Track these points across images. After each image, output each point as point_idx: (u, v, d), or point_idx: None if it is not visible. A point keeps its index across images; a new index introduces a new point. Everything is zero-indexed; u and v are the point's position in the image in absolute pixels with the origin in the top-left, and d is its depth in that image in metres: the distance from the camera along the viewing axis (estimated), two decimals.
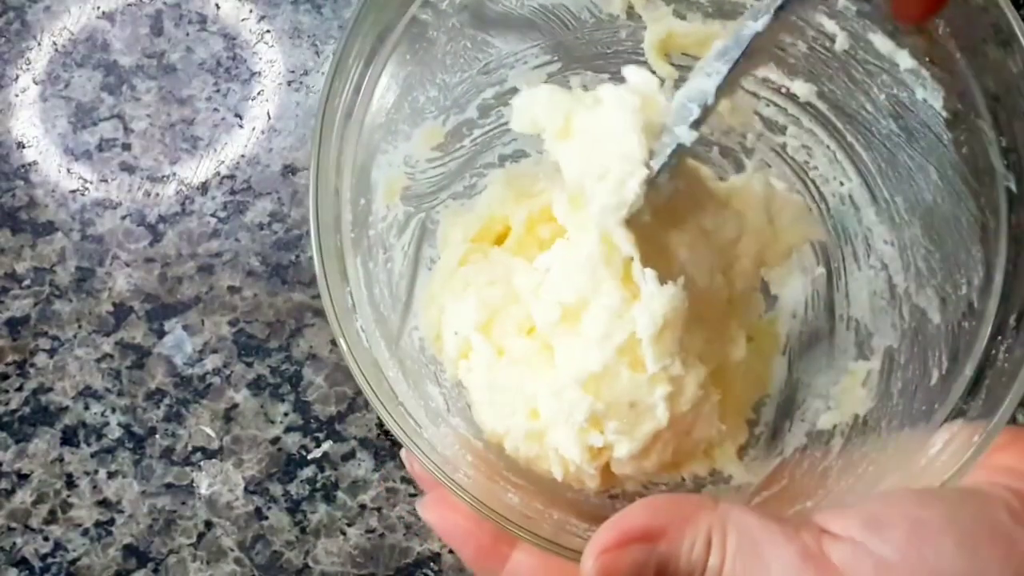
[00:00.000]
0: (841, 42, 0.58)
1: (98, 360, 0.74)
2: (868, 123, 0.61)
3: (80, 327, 0.74)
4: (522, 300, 0.57)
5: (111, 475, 0.71)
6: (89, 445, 0.72)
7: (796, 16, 0.55)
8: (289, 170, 0.77)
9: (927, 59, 0.56)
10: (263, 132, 0.78)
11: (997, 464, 0.47)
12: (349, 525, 0.70)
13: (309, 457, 0.72)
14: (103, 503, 0.71)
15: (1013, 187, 0.52)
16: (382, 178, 0.59)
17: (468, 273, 0.60)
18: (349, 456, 0.72)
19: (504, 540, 0.51)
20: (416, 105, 0.61)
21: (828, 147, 0.63)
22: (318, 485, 0.71)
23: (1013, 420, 0.49)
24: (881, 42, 0.57)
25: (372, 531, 0.70)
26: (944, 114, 0.56)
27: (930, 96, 0.56)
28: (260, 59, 0.79)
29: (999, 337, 0.51)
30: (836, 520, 0.43)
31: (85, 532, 0.71)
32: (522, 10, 0.62)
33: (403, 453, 0.55)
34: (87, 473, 0.72)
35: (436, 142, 0.63)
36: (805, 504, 0.52)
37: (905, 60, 0.57)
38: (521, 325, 0.57)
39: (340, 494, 0.71)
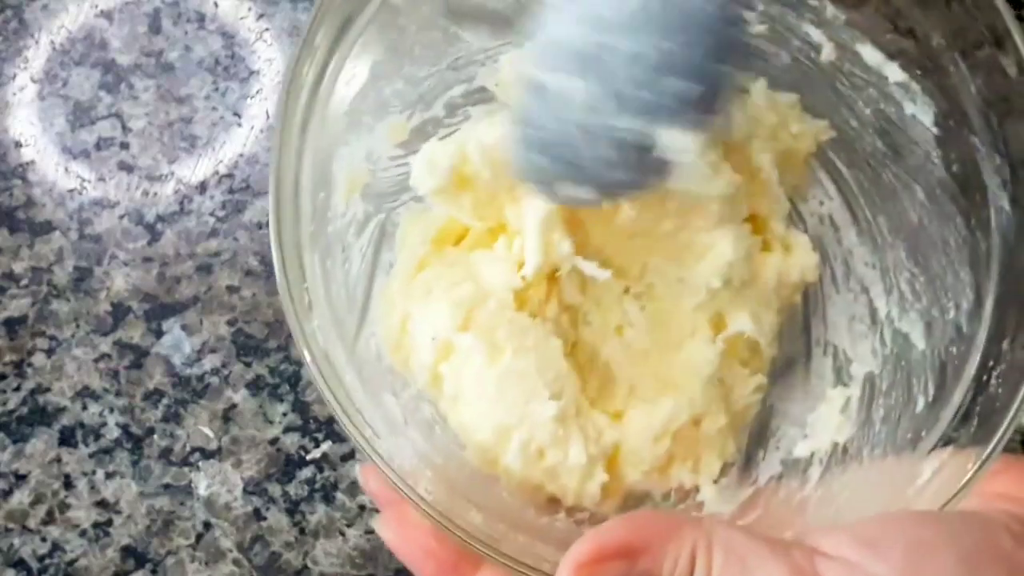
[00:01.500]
0: (827, 53, 0.56)
1: (96, 360, 0.73)
2: (852, 140, 0.59)
3: (78, 327, 0.74)
4: (496, 291, 0.55)
5: (109, 475, 0.71)
6: (87, 445, 0.72)
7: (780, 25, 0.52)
8: None
9: (918, 71, 0.53)
10: (262, 131, 0.78)
11: (992, 491, 0.45)
12: (348, 526, 0.70)
13: (308, 458, 0.71)
14: (101, 504, 0.71)
15: (1007, 206, 0.50)
16: (343, 172, 0.57)
17: (428, 279, 0.57)
18: (348, 456, 0.71)
19: (467, 560, 0.48)
20: (381, 97, 0.58)
21: (807, 164, 0.60)
22: (317, 486, 0.71)
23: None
24: (870, 54, 0.55)
25: (371, 532, 0.70)
26: (934, 131, 0.54)
27: (920, 111, 0.54)
28: (259, 57, 0.79)
29: (991, 362, 0.49)
30: (829, 539, 0.41)
31: (83, 533, 0.70)
32: (496, 3, 0.59)
33: (358, 469, 0.53)
34: (85, 474, 0.71)
35: (400, 139, 0.60)
36: (782, 535, 0.49)
37: (895, 73, 0.55)
38: (503, 316, 0.55)
39: (339, 495, 0.71)
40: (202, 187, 0.77)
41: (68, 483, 0.71)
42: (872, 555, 0.40)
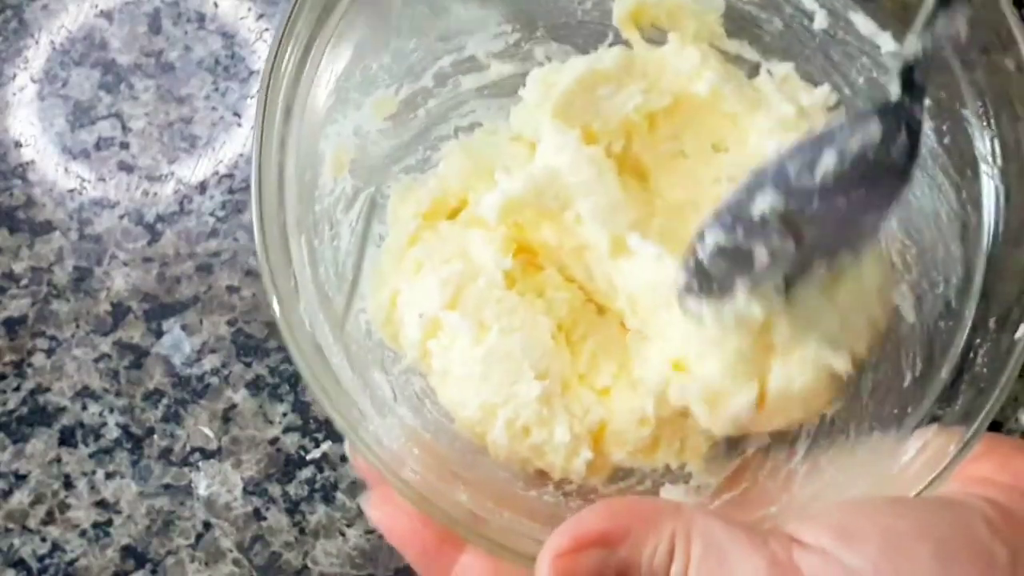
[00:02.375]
0: (820, 20, 0.56)
1: (96, 360, 0.73)
2: (845, 108, 0.58)
3: (78, 327, 0.74)
4: (486, 269, 0.55)
5: (109, 475, 0.71)
6: (87, 445, 0.72)
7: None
8: None
9: None
10: None
11: (973, 475, 0.45)
12: (348, 526, 0.70)
13: (308, 458, 0.71)
14: (101, 504, 0.71)
15: (997, 181, 0.50)
16: (330, 149, 0.56)
17: (420, 254, 0.57)
18: (348, 457, 0.71)
19: (452, 542, 0.49)
20: (368, 73, 0.58)
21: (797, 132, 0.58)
22: (317, 486, 0.71)
23: (994, 427, 0.47)
24: (863, 22, 0.55)
25: (371, 532, 0.70)
26: (927, 101, 0.51)
27: None
28: (259, 58, 0.79)
29: (977, 340, 0.49)
30: (806, 529, 0.41)
31: (83, 533, 0.70)
32: None
33: (347, 446, 0.53)
34: (85, 474, 0.71)
35: (388, 112, 0.60)
36: (768, 510, 0.50)
37: (888, 43, 0.55)
38: (492, 295, 0.55)
39: (339, 495, 0.71)
40: (202, 187, 0.77)
41: (68, 483, 0.71)
42: (847, 547, 0.40)
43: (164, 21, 0.80)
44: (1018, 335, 0.47)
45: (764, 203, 0.48)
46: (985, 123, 0.51)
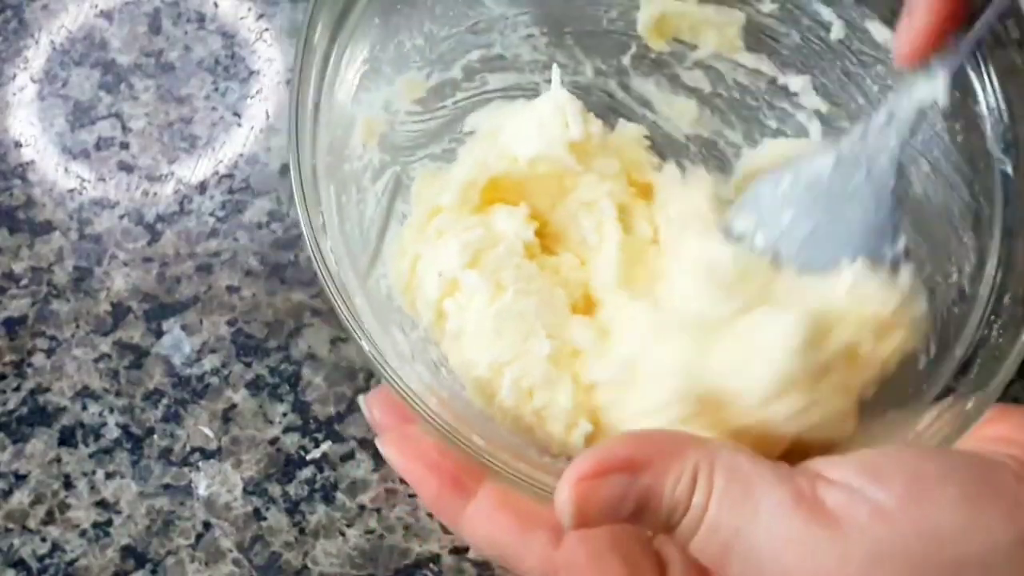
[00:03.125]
0: (837, 31, 0.57)
1: (96, 360, 0.73)
2: (859, 116, 0.59)
3: (78, 327, 0.74)
4: (507, 238, 0.56)
5: (109, 476, 0.71)
6: (87, 445, 0.72)
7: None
8: (288, 169, 0.77)
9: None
10: (262, 131, 0.78)
11: (992, 435, 0.45)
12: (348, 526, 0.70)
13: (308, 458, 0.71)
14: (101, 504, 0.71)
15: (1009, 170, 0.51)
16: (361, 115, 0.58)
17: (441, 223, 0.58)
18: (348, 457, 0.71)
19: (470, 475, 0.48)
20: (402, 50, 0.59)
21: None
22: (317, 486, 0.71)
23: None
24: (878, 30, 0.57)
25: (371, 532, 0.70)
26: (940, 103, 0.53)
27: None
28: (259, 58, 0.79)
29: (992, 316, 0.50)
30: (833, 467, 0.41)
31: (83, 533, 0.70)
32: None
33: (361, 399, 0.53)
34: (85, 474, 0.71)
35: (418, 95, 0.61)
36: None
37: None
38: (511, 260, 0.56)
39: (339, 495, 0.71)
40: (202, 187, 0.77)
41: (68, 483, 0.71)
42: (874, 482, 0.40)
43: (164, 21, 0.80)
44: None
45: (743, 222, 0.55)
46: (998, 116, 0.52)
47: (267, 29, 0.80)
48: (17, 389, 0.73)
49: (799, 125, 0.62)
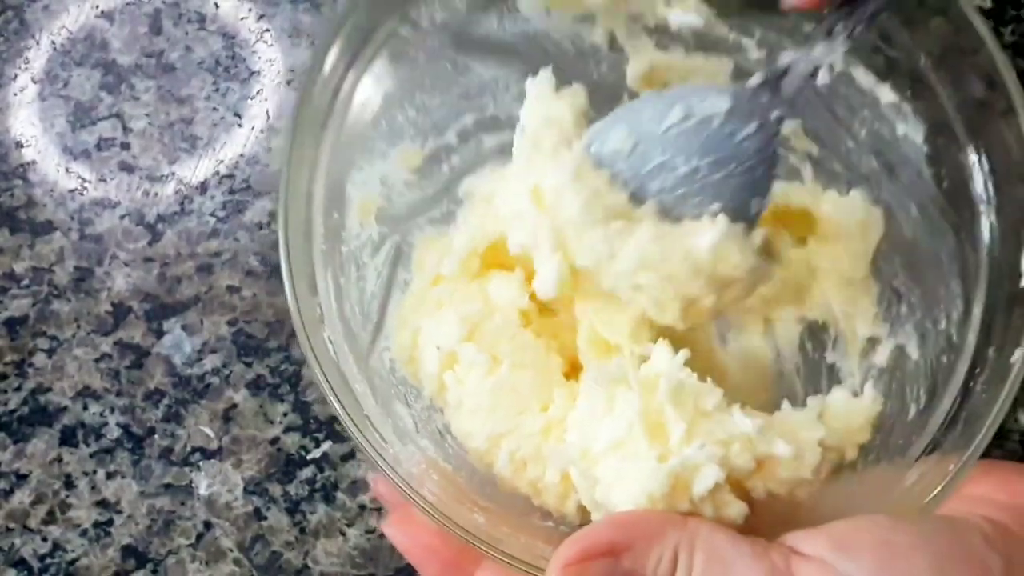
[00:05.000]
0: (823, 76, 0.56)
1: (97, 360, 0.73)
2: (849, 160, 0.60)
3: (79, 327, 0.74)
4: (503, 308, 0.57)
5: (110, 475, 0.71)
6: (88, 445, 0.72)
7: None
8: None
9: (908, 92, 0.56)
10: (262, 131, 0.78)
11: (972, 494, 0.46)
12: (348, 526, 0.70)
13: (308, 457, 0.72)
14: (102, 503, 0.71)
15: (994, 219, 0.52)
16: (357, 195, 0.59)
17: (441, 293, 0.59)
18: (348, 456, 0.71)
19: (469, 558, 0.50)
20: (394, 124, 0.60)
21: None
22: (317, 485, 0.71)
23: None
24: (863, 76, 0.57)
25: (371, 532, 0.70)
26: (925, 148, 0.56)
27: (911, 131, 0.56)
28: (259, 58, 0.79)
29: (977, 369, 0.51)
30: (805, 541, 0.43)
31: (84, 532, 0.70)
32: (503, 35, 0.61)
33: (369, 476, 0.54)
34: (86, 473, 0.71)
35: (414, 165, 0.62)
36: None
37: (887, 94, 0.57)
38: (507, 331, 0.57)
39: (339, 494, 0.71)
40: (203, 187, 0.77)
41: (69, 483, 0.71)
42: (845, 555, 0.42)
43: (165, 22, 0.80)
44: (1013, 359, 0.49)
45: (617, 138, 0.52)
46: (980, 165, 0.53)
47: (267, 30, 0.80)
48: (18, 389, 0.73)
49: (792, 168, 0.62)
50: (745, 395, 0.53)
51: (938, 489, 0.47)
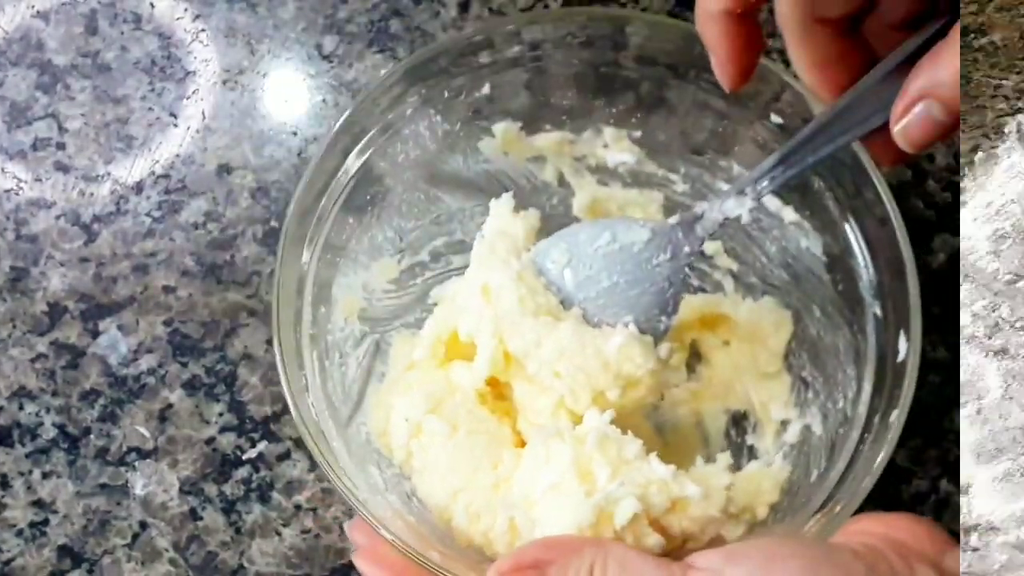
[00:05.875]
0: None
1: (32, 360, 0.73)
2: (763, 273, 0.71)
3: (14, 327, 0.74)
4: (462, 389, 0.64)
5: (45, 475, 0.71)
6: (23, 445, 0.72)
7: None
8: (224, 169, 0.77)
9: (807, 212, 0.66)
10: (198, 131, 0.78)
11: (854, 528, 0.54)
12: (284, 525, 0.71)
13: (244, 457, 0.72)
14: (37, 503, 0.71)
15: (878, 312, 0.62)
16: (342, 296, 0.67)
17: (412, 378, 0.66)
18: (284, 456, 0.72)
19: None
20: (375, 242, 0.69)
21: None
22: (253, 485, 0.71)
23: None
24: (771, 201, 0.67)
25: (307, 532, 0.71)
26: (823, 258, 0.66)
27: (812, 244, 0.66)
28: (195, 58, 0.79)
29: (866, 435, 0.60)
30: (702, 557, 0.50)
31: (19, 532, 0.71)
32: (469, 173, 0.70)
33: (346, 526, 0.65)
34: (21, 473, 0.71)
35: (391, 276, 0.70)
36: None
37: (790, 214, 0.67)
38: (465, 406, 0.64)
39: (275, 494, 0.71)
40: (138, 187, 0.77)
41: (4, 483, 0.71)
42: (732, 564, 0.49)
43: (100, 22, 0.80)
44: (892, 418, 0.58)
45: (556, 253, 0.63)
46: (866, 268, 0.63)
47: (203, 30, 0.80)
48: None
49: (716, 282, 0.72)
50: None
51: (824, 521, 0.57)
